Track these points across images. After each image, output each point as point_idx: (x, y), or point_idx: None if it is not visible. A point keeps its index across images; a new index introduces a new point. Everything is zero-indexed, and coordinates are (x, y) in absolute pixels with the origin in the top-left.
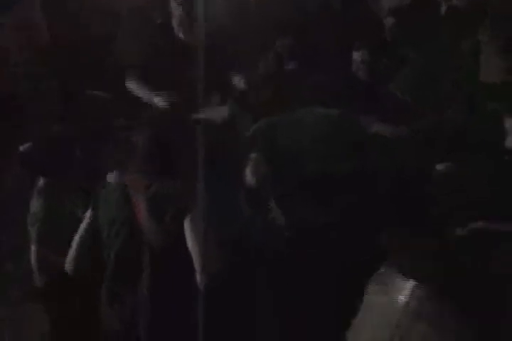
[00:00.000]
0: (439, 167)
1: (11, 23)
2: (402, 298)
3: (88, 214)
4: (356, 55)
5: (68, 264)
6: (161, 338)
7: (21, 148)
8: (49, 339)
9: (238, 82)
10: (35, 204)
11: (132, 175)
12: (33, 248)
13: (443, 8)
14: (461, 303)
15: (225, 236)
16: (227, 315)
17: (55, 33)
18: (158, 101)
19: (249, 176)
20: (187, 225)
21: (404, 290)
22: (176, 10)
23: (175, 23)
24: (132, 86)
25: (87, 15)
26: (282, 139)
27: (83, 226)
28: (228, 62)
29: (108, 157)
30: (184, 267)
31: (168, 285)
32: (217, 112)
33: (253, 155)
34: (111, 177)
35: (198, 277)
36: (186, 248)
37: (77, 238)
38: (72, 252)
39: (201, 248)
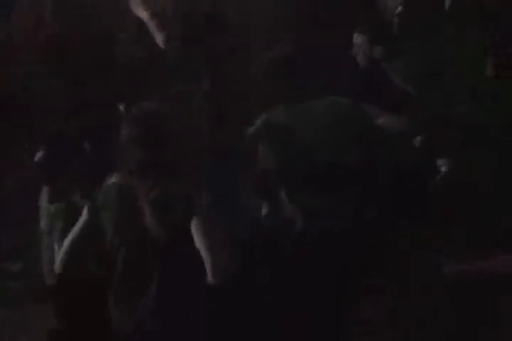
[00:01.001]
0: (443, 161)
1: (12, 22)
2: None
3: (84, 215)
4: (357, 38)
5: (57, 266)
6: (168, 338)
7: (36, 158)
8: (56, 337)
9: None
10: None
11: (131, 177)
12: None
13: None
14: None
15: (233, 237)
16: (237, 314)
17: (66, 32)
18: None
19: (257, 170)
20: (194, 228)
21: None
22: None
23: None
24: None
25: (97, 15)
26: (291, 131)
27: (76, 228)
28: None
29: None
30: (192, 267)
31: (176, 285)
32: None
33: (260, 149)
34: (112, 177)
35: (211, 279)
36: (194, 248)
37: (68, 240)
38: (61, 254)
39: (210, 249)
